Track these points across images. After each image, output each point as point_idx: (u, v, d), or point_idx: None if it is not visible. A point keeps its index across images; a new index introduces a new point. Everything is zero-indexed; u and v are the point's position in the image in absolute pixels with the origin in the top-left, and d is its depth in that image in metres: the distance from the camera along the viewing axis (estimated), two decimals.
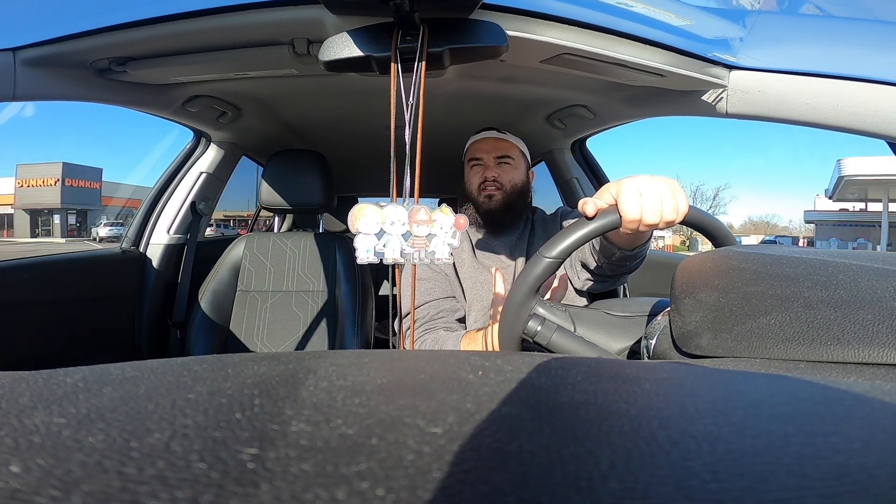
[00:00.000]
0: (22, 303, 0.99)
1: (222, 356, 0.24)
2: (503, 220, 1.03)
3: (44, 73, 0.74)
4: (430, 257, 0.52)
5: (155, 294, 1.34)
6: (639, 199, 0.52)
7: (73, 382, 0.19)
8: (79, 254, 1.20)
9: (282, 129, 1.45)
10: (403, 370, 0.22)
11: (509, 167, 1.03)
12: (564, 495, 0.11)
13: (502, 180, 1.02)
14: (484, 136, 1.05)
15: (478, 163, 1.04)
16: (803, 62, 0.66)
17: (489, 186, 1.01)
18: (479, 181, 1.02)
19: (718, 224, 0.57)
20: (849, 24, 0.76)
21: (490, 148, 1.03)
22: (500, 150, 1.03)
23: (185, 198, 1.40)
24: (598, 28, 0.68)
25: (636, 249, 0.74)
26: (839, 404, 0.17)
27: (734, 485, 0.11)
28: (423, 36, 0.58)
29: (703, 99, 0.78)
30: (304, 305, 1.25)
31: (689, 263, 0.41)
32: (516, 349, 0.58)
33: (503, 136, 1.05)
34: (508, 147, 1.04)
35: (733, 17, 0.79)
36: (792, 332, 0.29)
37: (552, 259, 0.53)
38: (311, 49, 0.74)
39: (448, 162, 1.63)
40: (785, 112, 0.69)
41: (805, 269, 0.33)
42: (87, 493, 0.11)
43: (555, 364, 0.23)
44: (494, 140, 1.04)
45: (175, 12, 0.68)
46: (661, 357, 0.40)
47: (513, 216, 1.05)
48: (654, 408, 0.17)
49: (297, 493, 0.11)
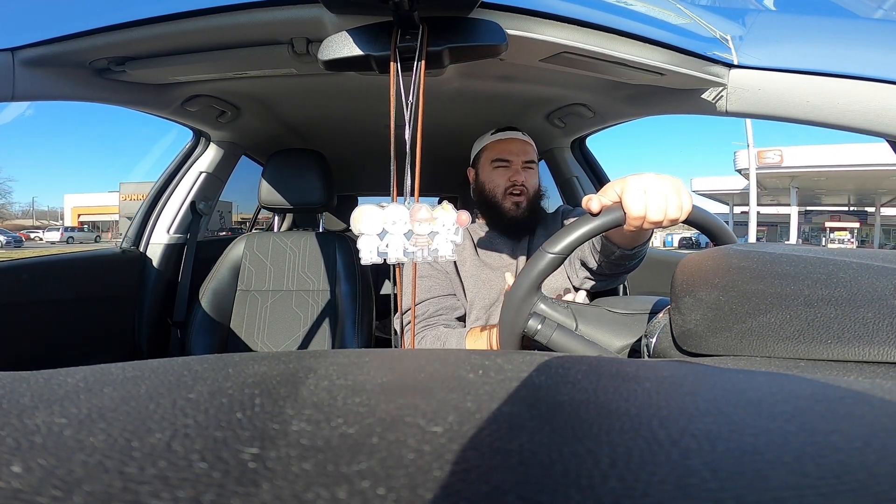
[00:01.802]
0: (22, 303, 0.99)
1: (223, 356, 0.24)
2: (525, 225, 1.02)
3: (43, 73, 0.74)
4: (434, 255, 0.52)
5: (155, 294, 1.34)
6: (643, 197, 0.52)
7: (73, 382, 0.19)
8: (79, 254, 1.20)
9: (281, 129, 1.45)
10: (404, 369, 0.22)
11: (532, 172, 1.02)
12: (565, 494, 0.11)
13: (528, 185, 1.00)
14: (511, 137, 1.02)
15: (504, 164, 1.01)
16: (803, 60, 0.66)
17: (516, 192, 0.99)
18: (506, 184, 1.00)
19: (720, 223, 0.57)
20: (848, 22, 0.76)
21: (519, 151, 1.01)
22: (527, 153, 1.01)
23: (184, 197, 1.40)
24: (597, 27, 0.68)
25: (636, 249, 0.74)
26: (839, 403, 0.17)
27: (734, 483, 0.11)
28: (423, 35, 0.58)
29: (702, 97, 0.78)
30: (304, 305, 1.25)
31: (689, 262, 0.41)
32: (517, 347, 0.58)
33: (526, 138, 1.03)
34: (531, 151, 1.03)
35: (733, 16, 0.79)
36: (792, 331, 0.29)
37: (555, 255, 0.53)
38: (311, 48, 0.74)
39: (448, 161, 1.63)
40: (785, 110, 0.69)
41: (805, 267, 0.33)
42: (89, 493, 0.11)
43: (555, 363, 0.23)
44: (521, 142, 1.02)
45: (174, 12, 0.67)
46: (662, 355, 0.40)
47: (535, 221, 1.04)
48: (655, 406, 0.17)
49: (298, 492, 0.11)
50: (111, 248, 1.33)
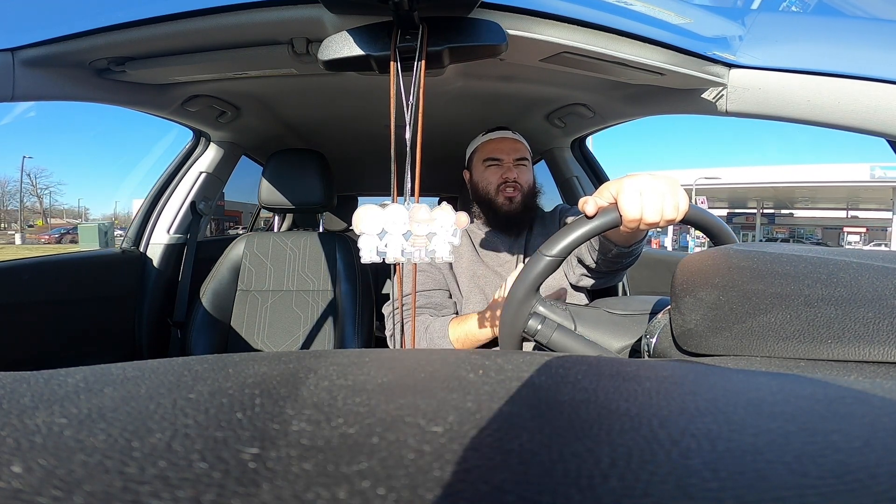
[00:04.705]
0: (22, 303, 0.99)
1: (223, 356, 0.24)
2: (522, 220, 1.04)
3: (43, 73, 0.74)
4: (431, 256, 0.52)
5: (155, 294, 1.34)
6: (639, 199, 0.51)
7: (74, 382, 0.19)
8: (79, 254, 1.20)
9: (281, 129, 1.45)
10: (404, 369, 0.22)
11: (525, 168, 1.04)
12: (565, 494, 0.11)
13: (521, 181, 1.02)
14: (501, 136, 1.04)
15: (496, 163, 1.03)
16: (803, 60, 0.66)
17: (509, 188, 1.01)
18: (498, 181, 1.01)
19: (719, 222, 0.57)
20: (849, 22, 0.76)
21: (509, 149, 1.03)
22: (518, 151, 1.03)
23: (184, 197, 1.40)
24: (597, 27, 0.68)
25: (632, 247, 0.75)
26: (840, 402, 0.17)
27: (734, 483, 0.11)
28: (423, 35, 0.58)
29: (702, 97, 0.78)
30: (304, 305, 1.25)
31: (689, 262, 0.41)
32: (517, 348, 0.58)
33: (517, 137, 1.05)
34: (524, 149, 1.05)
35: (733, 16, 0.79)
36: (792, 331, 0.29)
37: (552, 257, 0.53)
38: (311, 48, 0.74)
39: (448, 161, 1.63)
40: (785, 110, 0.69)
41: (805, 267, 0.33)
42: (89, 493, 0.11)
43: (555, 362, 0.23)
44: (512, 141, 1.04)
45: (174, 12, 0.67)
46: (662, 355, 0.40)
47: (531, 217, 1.05)
48: (655, 406, 0.17)
49: (298, 492, 0.11)
50: (111, 248, 1.33)
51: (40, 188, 38.03)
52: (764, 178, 18.74)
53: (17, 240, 22.01)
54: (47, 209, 38.62)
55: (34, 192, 37.48)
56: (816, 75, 0.65)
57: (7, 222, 35.57)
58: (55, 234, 23.56)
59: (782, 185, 18.49)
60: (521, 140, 1.05)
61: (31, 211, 37.59)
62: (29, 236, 23.32)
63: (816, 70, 0.65)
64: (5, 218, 36.34)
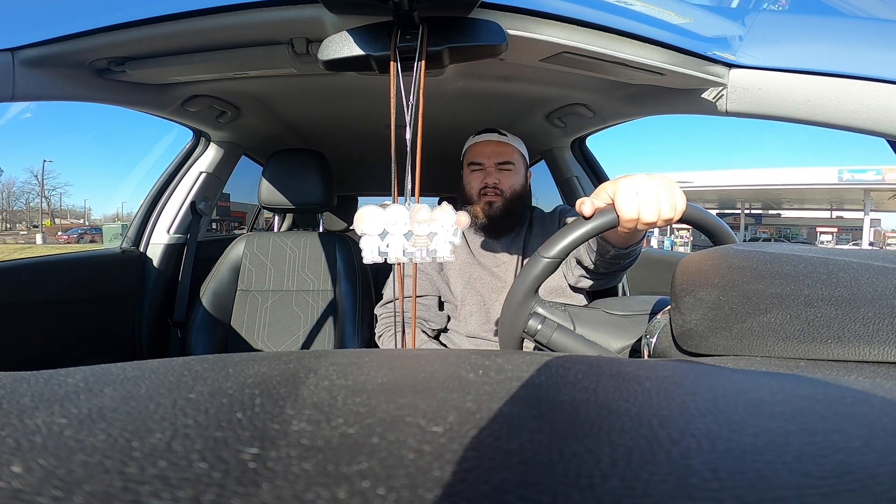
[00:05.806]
0: (22, 303, 0.99)
1: (223, 356, 0.24)
2: (502, 225, 1.03)
3: (43, 73, 0.74)
4: (432, 255, 0.52)
5: (155, 294, 1.34)
6: (636, 199, 0.51)
7: (74, 382, 0.19)
8: (79, 254, 1.20)
9: (281, 129, 1.45)
10: (404, 369, 0.22)
11: (510, 173, 1.02)
12: (565, 494, 0.11)
13: (502, 186, 1.00)
14: (485, 139, 1.03)
15: (478, 167, 1.02)
16: (803, 60, 0.66)
17: (489, 193, 1.00)
18: (479, 186, 1.01)
19: (718, 222, 0.57)
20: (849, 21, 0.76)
21: (491, 153, 1.01)
22: (502, 155, 1.01)
23: (184, 197, 1.40)
24: (597, 27, 0.68)
25: (630, 248, 0.75)
26: (840, 402, 0.17)
27: (735, 483, 0.11)
28: (423, 35, 0.58)
29: (702, 97, 0.78)
30: (304, 305, 1.25)
31: (689, 262, 0.41)
32: (517, 348, 0.58)
33: (504, 138, 1.03)
34: (509, 152, 1.02)
35: (733, 16, 0.79)
36: (792, 331, 0.29)
37: (550, 259, 0.53)
38: (311, 48, 0.74)
39: (448, 161, 1.62)
40: (785, 110, 0.69)
41: (805, 267, 0.33)
42: (89, 493, 0.11)
43: (555, 362, 0.23)
44: (496, 144, 1.02)
45: (174, 12, 0.67)
46: (662, 355, 0.40)
47: (512, 221, 1.04)
48: (655, 406, 0.17)
49: (298, 492, 0.11)
50: (111, 248, 1.33)
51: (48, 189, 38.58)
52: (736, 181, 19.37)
53: (39, 240, 22.35)
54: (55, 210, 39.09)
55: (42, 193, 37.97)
56: (816, 75, 0.65)
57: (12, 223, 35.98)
58: (73, 234, 24.12)
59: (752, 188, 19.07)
60: (510, 142, 1.03)
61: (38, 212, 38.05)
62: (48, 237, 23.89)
63: (816, 70, 0.65)
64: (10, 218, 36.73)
